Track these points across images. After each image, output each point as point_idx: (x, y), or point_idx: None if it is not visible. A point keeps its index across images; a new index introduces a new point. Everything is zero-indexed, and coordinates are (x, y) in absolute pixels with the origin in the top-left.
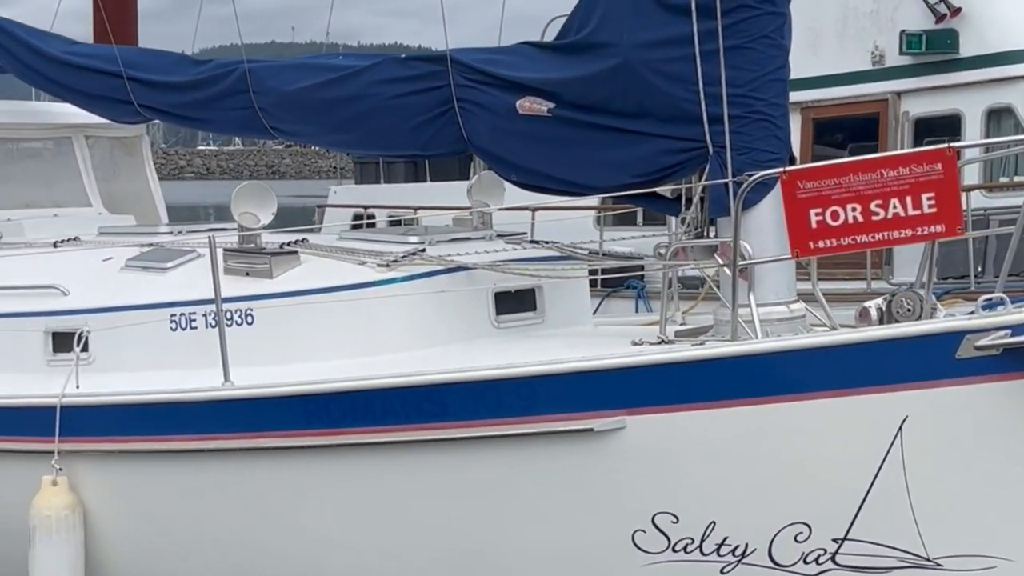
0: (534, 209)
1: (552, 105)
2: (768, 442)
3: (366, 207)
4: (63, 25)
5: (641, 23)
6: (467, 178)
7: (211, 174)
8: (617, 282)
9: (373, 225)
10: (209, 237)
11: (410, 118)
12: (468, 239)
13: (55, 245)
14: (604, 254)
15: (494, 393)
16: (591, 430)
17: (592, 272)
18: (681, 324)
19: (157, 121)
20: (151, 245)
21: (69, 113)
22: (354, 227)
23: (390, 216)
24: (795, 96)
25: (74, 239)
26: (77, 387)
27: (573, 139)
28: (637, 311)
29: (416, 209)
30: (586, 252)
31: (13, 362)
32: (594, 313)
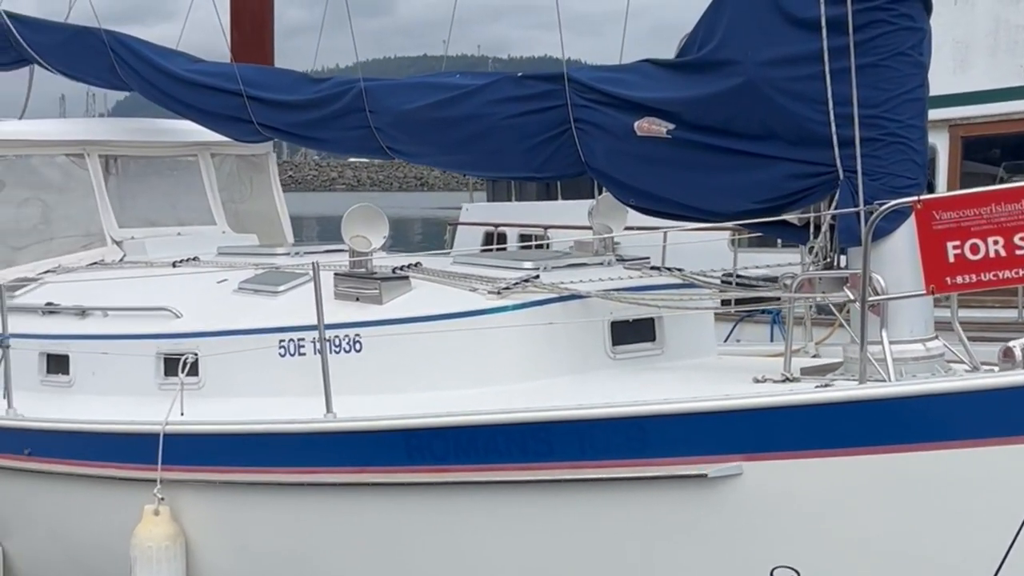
0: (665, 230)
1: (672, 126)
2: (900, 494)
3: (496, 225)
4: (206, 41)
5: (767, 40)
6: (601, 192)
7: (361, 185)
8: (754, 301)
9: (504, 244)
10: (313, 264)
11: (525, 139)
12: (585, 265)
13: (174, 265)
14: (736, 281)
15: (602, 433)
16: (705, 476)
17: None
18: (814, 356)
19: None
20: (267, 267)
21: (195, 131)
22: (484, 244)
23: (521, 235)
24: (943, 113)
25: (193, 259)
26: (182, 414)
27: (694, 162)
28: (772, 339)
29: (546, 228)
30: (713, 279)
31: (128, 385)
32: (726, 339)
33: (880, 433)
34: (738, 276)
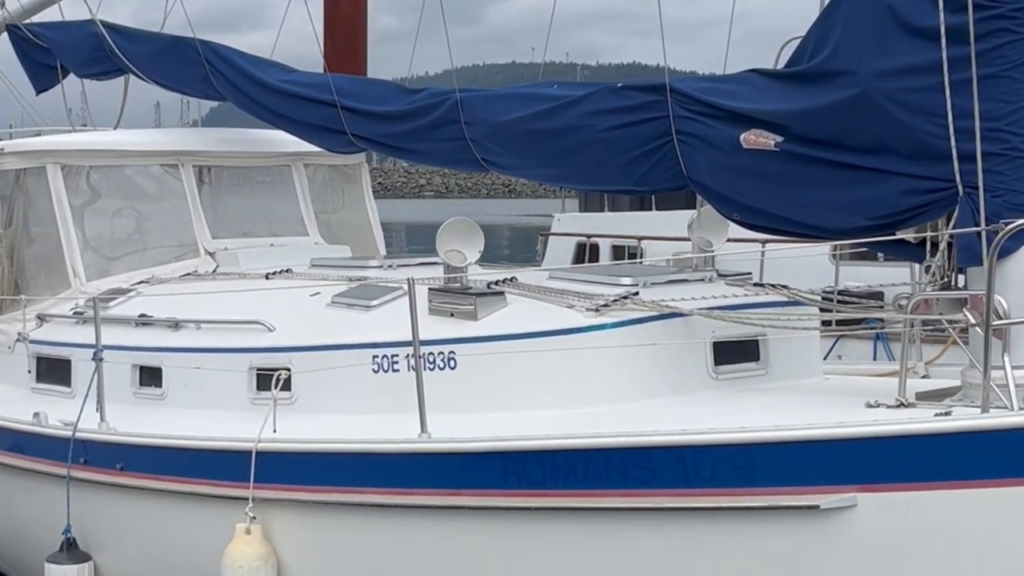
0: (764, 244)
1: (780, 139)
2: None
3: (589, 236)
4: (299, 49)
5: (883, 49)
6: (694, 207)
7: (450, 192)
8: (853, 321)
9: (596, 255)
10: (408, 279)
11: (625, 151)
12: (685, 281)
13: (267, 277)
14: (839, 298)
15: (707, 460)
16: (817, 507)
17: (825, 320)
18: (923, 376)
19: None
20: (360, 280)
21: (288, 141)
22: (577, 256)
23: (614, 246)
24: None
25: (286, 271)
26: (274, 431)
27: (803, 176)
28: (875, 356)
29: (640, 239)
30: (817, 297)
31: (219, 399)
32: (827, 355)
33: (1003, 465)
34: (841, 292)
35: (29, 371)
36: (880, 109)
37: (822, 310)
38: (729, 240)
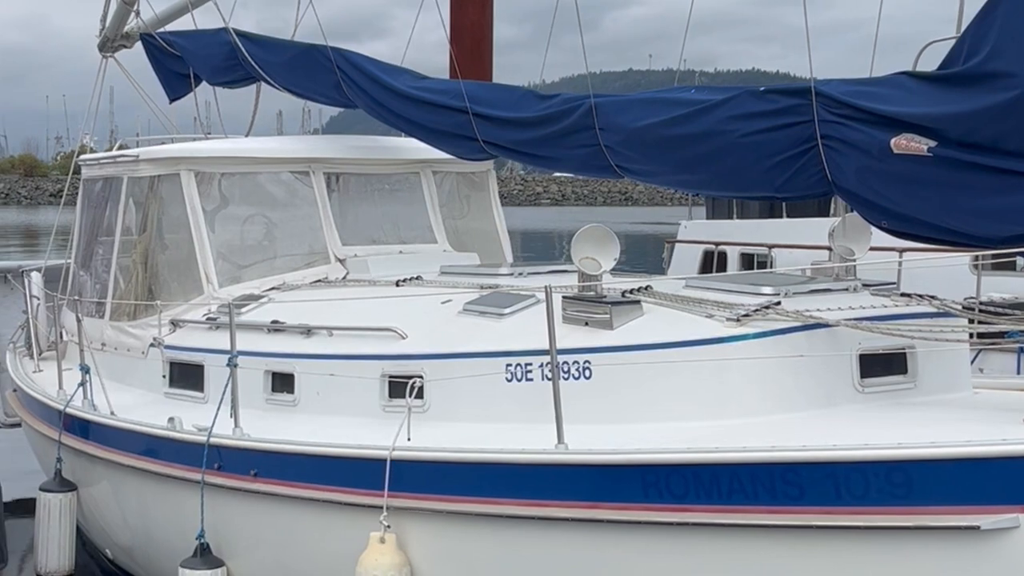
0: (901, 252)
1: (933, 143)
2: None
3: (717, 243)
4: (421, 58)
5: None
6: (827, 215)
7: (566, 200)
8: (993, 334)
9: (724, 263)
10: (546, 288)
11: (766, 157)
12: (829, 291)
13: (397, 284)
14: (983, 308)
15: (861, 477)
16: (977, 528)
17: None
18: None
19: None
20: (491, 287)
21: (417, 148)
22: (704, 264)
23: (742, 254)
24: None
25: (416, 278)
26: (408, 439)
27: (957, 182)
28: (1019, 370)
29: (770, 247)
30: (967, 307)
31: (353, 406)
32: None
33: None
34: (983, 303)
35: (163, 376)
36: None
37: (971, 322)
38: (882, 249)
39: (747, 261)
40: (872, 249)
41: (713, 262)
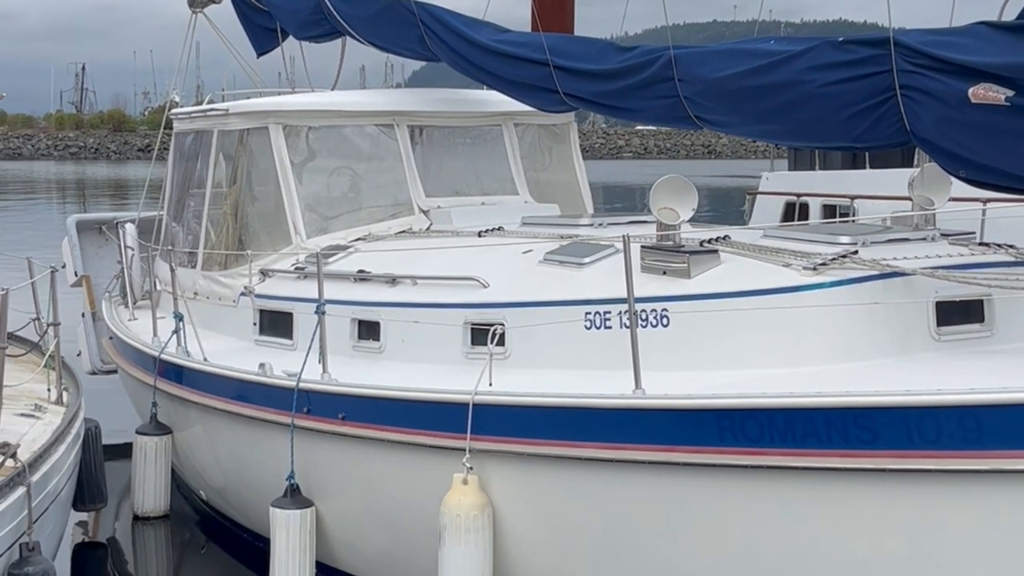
0: (985, 202)
1: (1012, 92)
2: None
3: (799, 195)
4: (503, 10)
5: None
6: (910, 166)
7: (648, 153)
8: None
9: (806, 214)
10: (624, 237)
11: (845, 107)
12: (907, 240)
13: (479, 234)
14: None
15: (932, 422)
16: None
17: None
18: None
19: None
20: (571, 238)
21: (499, 101)
22: (785, 216)
23: (824, 205)
24: None
25: (498, 229)
26: (490, 384)
27: None
28: None
29: (853, 198)
30: None
31: (436, 352)
32: None
33: None
34: None
35: (254, 324)
36: None
37: None
38: (950, 199)
39: (829, 212)
40: (955, 200)
41: (795, 213)
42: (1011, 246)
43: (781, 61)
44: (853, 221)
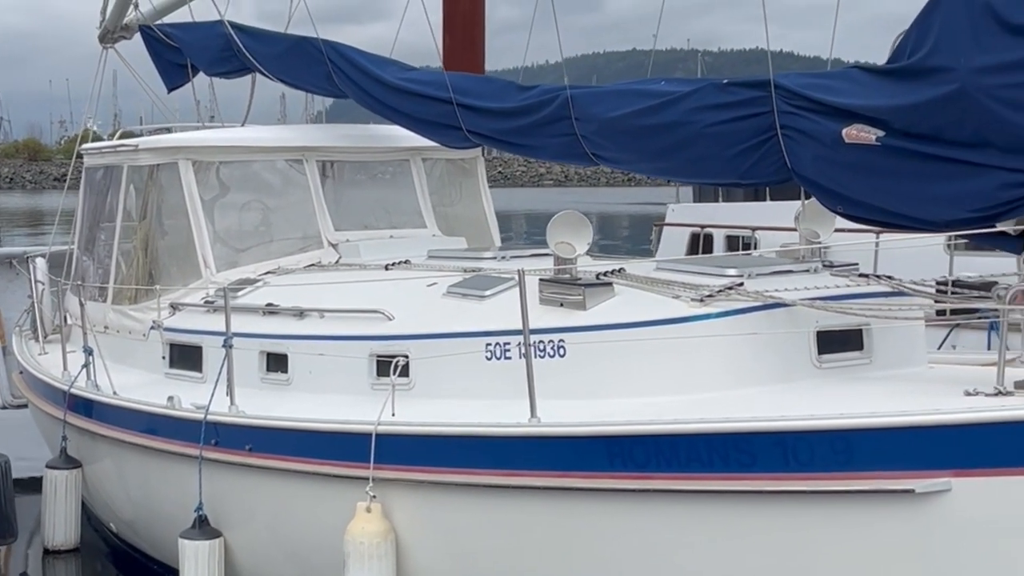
0: (878, 234)
1: (882, 133)
2: None
3: (703, 226)
4: (419, 41)
5: (981, 46)
6: (809, 198)
7: (569, 181)
8: (968, 311)
9: (710, 245)
10: (519, 271)
11: (730, 146)
12: (790, 272)
13: (387, 268)
14: (953, 287)
15: (806, 446)
16: (912, 491)
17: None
18: None
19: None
20: (475, 271)
21: (406, 136)
22: (691, 246)
23: (728, 236)
24: None
25: (405, 262)
26: (393, 414)
27: (904, 170)
28: (989, 346)
29: (754, 229)
30: (925, 286)
31: (342, 384)
32: (940, 346)
33: None
34: (955, 282)
35: (163, 357)
36: (978, 105)
37: (945, 301)
38: (844, 231)
39: (732, 243)
40: (848, 231)
41: (700, 244)
42: (889, 277)
43: (670, 102)
44: (751, 254)
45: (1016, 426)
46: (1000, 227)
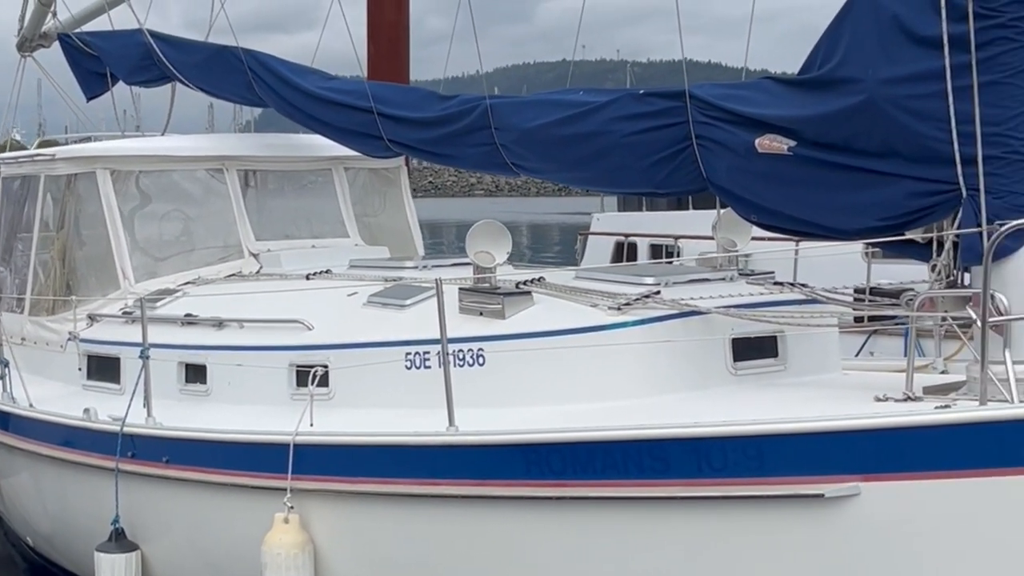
0: (798, 242)
1: (793, 143)
2: (1020, 519)
3: (627, 235)
4: (347, 50)
5: (888, 57)
6: (725, 206)
7: (500, 191)
8: (884, 318)
9: (635, 254)
10: (436, 280)
11: (647, 155)
12: (707, 280)
13: (308, 277)
14: (870, 295)
15: (719, 451)
16: (822, 496)
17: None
18: (942, 372)
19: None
20: (396, 280)
21: (329, 146)
22: (615, 255)
23: (652, 245)
24: None
25: (326, 272)
26: (311, 425)
27: (815, 179)
28: (905, 352)
29: (676, 238)
30: (841, 294)
31: (262, 394)
32: (858, 352)
33: (1000, 455)
34: (873, 289)
35: (80, 369)
36: (886, 115)
37: (857, 309)
38: (761, 239)
39: (656, 252)
40: (767, 239)
41: (624, 253)
42: (804, 285)
43: (588, 112)
44: (671, 262)
45: (923, 431)
46: (909, 235)
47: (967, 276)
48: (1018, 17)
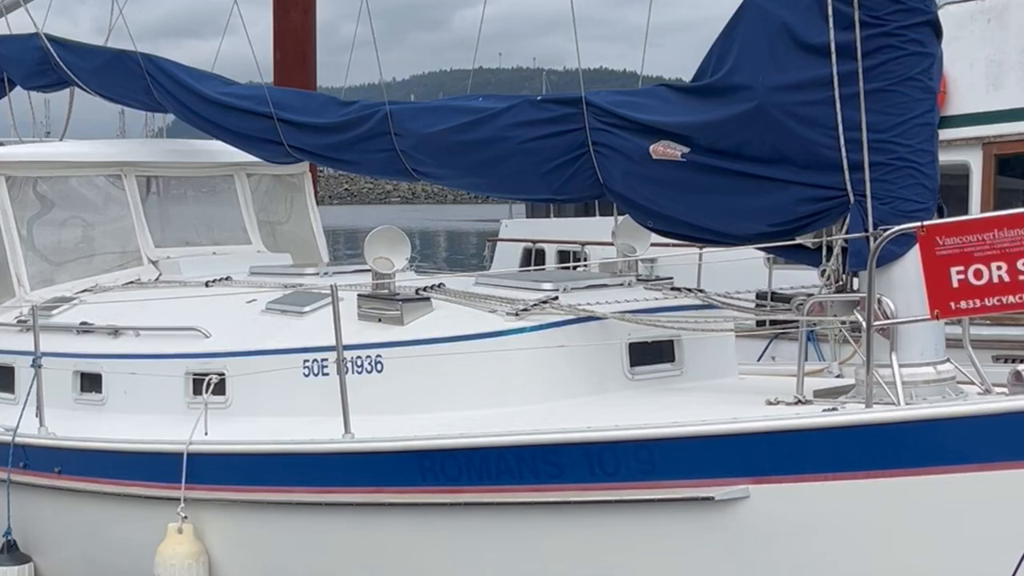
0: (701, 248)
1: (687, 150)
2: (905, 518)
3: (535, 241)
4: (265, 56)
5: (777, 65)
6: (623, 212)
7: (416, 198)
8: (783, 322)
9: (543, 259)
10: (332, 287)
11: (544, 162)
12: (605, 286)
13: (207, 284)
14: (771, 300)
15: (611, 456)
16: (712, 499)
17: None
18: (838, 375)
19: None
20: (296, 287)
21: (231, 152)
22: (524, 261)
23: (559, 251)
24: (976, 131)
25: (226, 279)
26: (206, 433)
27: (708, 185)
28: (805, 356)
29: (583, 244)
30: (740, 299)
31: (158, 403)
32: (760, 357)
33: (886, 457)
34: (773, 295)
35: None
36: (776, 122)
37: (751, 313)
38: (660, 245)
39: (564, 257)
40: (667, 245)
41: (532, 259)
42: (700, 290)
43: (486, 118)
44: (575, 267)
45: (810, 433)
46: (799, 240)
47: (856, 281)
48: (903, 26)
